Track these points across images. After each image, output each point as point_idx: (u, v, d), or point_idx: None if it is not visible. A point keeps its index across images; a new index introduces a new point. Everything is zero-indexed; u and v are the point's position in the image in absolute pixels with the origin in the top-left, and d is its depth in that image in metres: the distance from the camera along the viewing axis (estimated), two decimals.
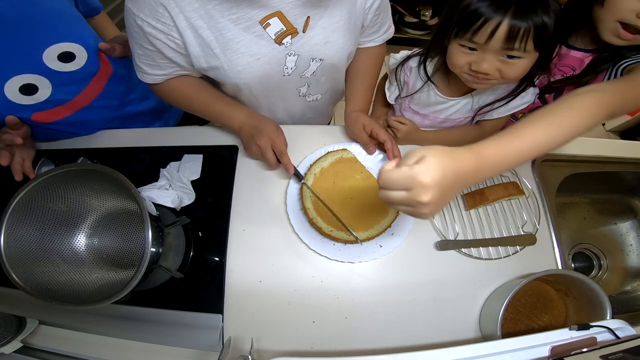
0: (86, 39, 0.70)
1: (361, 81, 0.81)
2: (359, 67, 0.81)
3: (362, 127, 0.74)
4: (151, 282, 0.67)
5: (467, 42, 0.60)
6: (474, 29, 0.57)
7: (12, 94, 0.64)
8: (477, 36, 0.57)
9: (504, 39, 0.56)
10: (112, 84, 0.78)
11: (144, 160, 0.80)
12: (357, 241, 0.67)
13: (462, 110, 0.78)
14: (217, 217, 0.73)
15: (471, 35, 0.58)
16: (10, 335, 0.62)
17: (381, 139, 0.72)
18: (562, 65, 0.68)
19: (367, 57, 0.80)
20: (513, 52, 0.58)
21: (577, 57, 0.67)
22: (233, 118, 0.72)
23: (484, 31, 0.56)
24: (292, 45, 0.63)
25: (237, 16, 0.57)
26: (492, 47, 0.58)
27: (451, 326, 0.67)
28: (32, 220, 0.59)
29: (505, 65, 0.60)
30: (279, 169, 0.76)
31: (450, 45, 0.64)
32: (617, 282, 0.93)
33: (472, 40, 0.59)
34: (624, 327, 0.53)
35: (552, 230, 0.75)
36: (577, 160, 0.86)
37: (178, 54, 0.62)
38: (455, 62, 0.64)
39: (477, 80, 0.64)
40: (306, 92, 0.78)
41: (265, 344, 0.64)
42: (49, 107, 0.70)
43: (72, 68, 0.69)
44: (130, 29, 0.60)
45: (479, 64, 0.61)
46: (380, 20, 0.73)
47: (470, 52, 0.61)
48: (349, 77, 0.83)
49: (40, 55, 0.64)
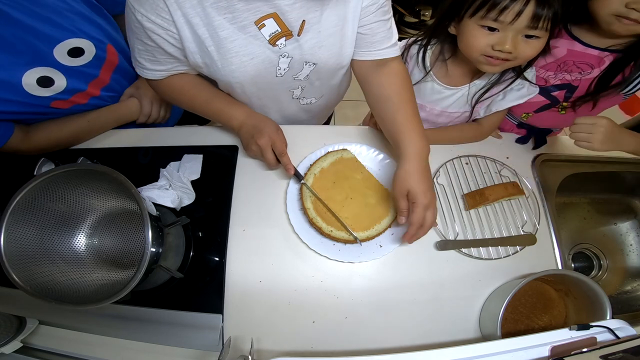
0: (93, 33, 0.72)
1: (405, 111, 0.66)
2: (390, 93, 0.68)
3: (406, 193, 0.62)
4: (151, 282, 0.67)
5: (489, 22, 0.59)
6: (500, 8, 0.57)
7: (30, 86, 0.65)
8: (504, 15, 0.57)
9: (531, 18, 0.56)
10: (117, 76, 0.80)
11: (144, 160, 0.80)
12: (357, 241, 0.67)
13: (458, 102, 0.78)
14: (217, 217, 0.73)
15: (497, 14, 0.57)
16: (10, 335, 0.62)
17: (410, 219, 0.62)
18: (580, 63, 0.68)
19: (394, 79, 0.69)
20: (535, 31, 0.58)
21: (594, 55, 0.66)
22: (232, 117, 0.72)
23: (512, 9, 0.56)
24: (285, 47, 0.63)
25: (233, 15, 0.57)
26: (517, 26, 0.58)
27: (451, 326, 0.67)
28: (32, 220, 0.58)
29: (523, 44, 0.61)
30: (278, 169, 0.76)
31: (464, 29, 0.63)
32: (617, 282, 0.93)
33: (497, 20, 0.58)
34: (624, 327, 0.53)
35: (552, 230, 0.75)
36: (577, 160, 0.86)
37: (177, 49, 0.62)
38: (474, 44, 0.63)
39: (493, 63, 0.64)
40: (300, 94, 0.77)
41: (265, 344, 0.64)
42: (66, 96, 0.72)
43: (82, 62, 0.71)
44: (130, 24, 0.60)
45: (502, 44, 0.60)
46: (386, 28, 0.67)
47: (491, 33, 0.61)
48: (384, 108, 0.69)
49: (51, 52, 0.66)
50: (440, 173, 0.79)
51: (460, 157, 0.81)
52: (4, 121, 0.69)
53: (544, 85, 0.74)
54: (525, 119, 0.83)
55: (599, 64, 0.67)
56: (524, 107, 0.79)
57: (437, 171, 0.79)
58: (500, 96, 0.75)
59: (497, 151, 0.83)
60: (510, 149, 0.84)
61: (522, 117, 0.83)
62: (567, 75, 0.71)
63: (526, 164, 0.83)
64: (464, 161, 0.81)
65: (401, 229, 0.70)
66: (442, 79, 0.76)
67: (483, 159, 0.81)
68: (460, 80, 0.75)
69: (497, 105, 0.75)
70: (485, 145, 0.84)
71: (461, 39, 0.66)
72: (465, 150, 0.82)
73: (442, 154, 0.81)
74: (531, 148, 0.85)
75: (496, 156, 0.82)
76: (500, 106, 0.75)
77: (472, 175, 0.79)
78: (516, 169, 0.80)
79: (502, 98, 0.74)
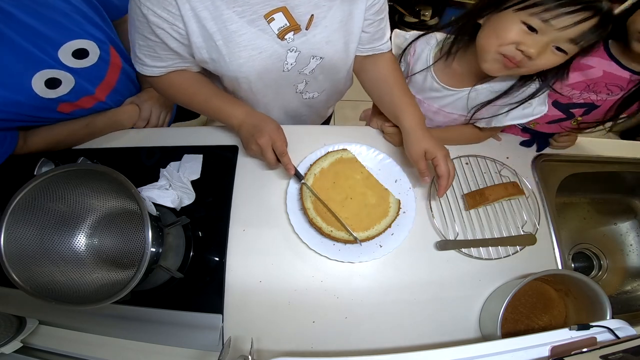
0: (96, 34, 0.72)
1: (399, 89, 0.74)
2: (385, 74, 0.76)
3: (424, 153, 0.68)
4: (151, 282, 0.67)
5: (537, 21, 0.55)
6: (563, 11, 0.53)
7: (40, 88, 0.66)
8: (560, 20, 0.53)
9: (583, 32, 0.54)
10: (123, 78, 0.81)
11: (144, 160, 0.80)
12: (357, 242, 0.67)
13: (456, 104, 0.76)
14: (217, 217, 0.73)
15: (554, 16, 0.53)
16: (10, 335, 0.62)
17: (439, 172, 0.67)
18: (611, 85, 0.65)
19: (386, 63, 0.76)
20: (572, 46, 0.56)
21: (626, 78, 0.64)
22: (232, 115, 0.72)
23: (573, 18, 0.52)
24: (294, 41, 0.63)
25: (243, 9, 0.57)
26: (562, 35, 0.55)
27: (451, 326, 0.67)
28: (32, 220, 0.58)
29: (549, 54, 0.58)
30: (278, 169, 0.76)
31: (499, 20, 0.60)
32: (617, 282, 0.93)
33: (547, 22, 0.54)
34: (624, 327, 0.53)
35: (552, 230, 0.75)
36: (577, 160, 0.86)
37: (180, 45, 0.62)
38: (503, 36, 0.58)
39: (507, 65, 0.60)
40: (303, 89, 0.78)
41: (265, 344, 0.64)
42: (73, 99, 0.72)
43: (87, 64, 0.71)
44: (133, 19, 0.60)
45: (529, 46, 0.57)
46: (383, 26, 0.73)
47: (528, 32, 0.57)
48: (380, 90, 0.77)
49: (56, 53, 0.66)
50: None
51: (460, 157, 0.81)
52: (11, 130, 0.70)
53: (566, 103, 0.72)
54: (533, 126, 0.82)
55: (628, 87, 0.65)
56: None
57: None
58: (504, 113, 0.72)
59: (497, 151, 0.83)
60: (510, 149, 0.84)
61: (531, 125, 0.82)
62: (594, 95, 0.68)
63: (526, 164, 0.83)
64: (464, 161, 0.81)
65: (401, 229, 0.71)
66: (441, 78, 0.74)
67: (483, 159, 0.81)
68: (461, 82, 0.74)
69: (498, 121, 0.74)
70: (485, 145, 0.84)
71: (487, 31, 0.62)
72: (465, 150, 0.82)
73: None
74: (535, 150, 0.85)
75: (496, 156, 0.82)
76: (501, 122, 0.73)
77: (472, 175, 0.79)
78: (516, 169, 0.80)
79: (506, 115, 0.72)
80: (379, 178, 0.74)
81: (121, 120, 0.83)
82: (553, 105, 0.74)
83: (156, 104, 0.86)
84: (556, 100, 0.73)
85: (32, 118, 0.71)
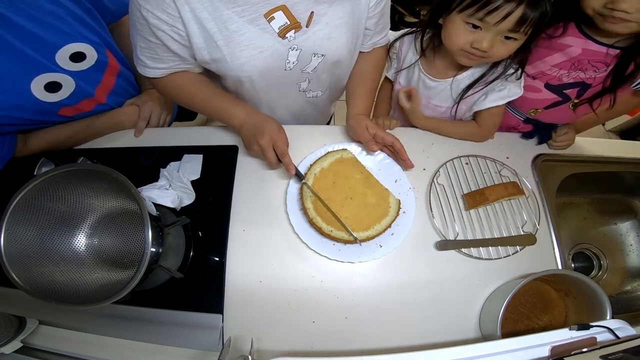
0: (92, 37, 0.72)
1: (363, 84, 0.81)
2: (361, 70, 0.81)
3: (366, 127, 0.74)
4: (151, 282, 0.67)
5: (475, 21, 0.61)
6: (489, 9, 0.58)
7: (39, 92, 0.65)
8: (491, 16, 0.59)
9: (515, 23, 0.58)
10: (120, 80, 0.81)
11: (144, 160, 0.80)
12: (357, 242, 0.67)
13: (441, 95, 0.80)
14: (217, 217, 0.73)
15: (484, 15, 0.59)
16: (10, 335, 0.63)
17: (388, 142, 0.73)
18: (594, 61, 0.68)
19: (369, 60, 0.80)
20: (516, 34, 0.61)
21: (602, 52, 0.66)
22: (234, 115, 0.72)
23: (500, 13, 0.58)
24: (295, 39, 0.63)
25: (242, 9, 0.57)
26: (500, 29, 0.60)
27: (451, 326, 0.67)
28: (32, 220, 0.58)
29: (499, 45, 0.63)
30: (279, 169, 0.76)
31: (450, 22, 0.65)
32: (617, 282, 0.93)
33: (483, 20, 0.60)
34: (624, 327, 0.53)
35: (552, 230, 0.75)
36: (577, 160, 0.86)
37: (181, 46, 0.62)
38: (455, 40, 0.66)
39: (472, 58, 0.67)
40: (306, 87, 0.78)
41: (265, 344, 0.64)
42: (74, 102, 0.72)
43: (85, 66, 0.71)
44: (134, 21, 0.60)
45: (480, 42, 0.63)
46: (382, 22, 0.74)
47: (473, 31, 0.63)
48: (351, 80, 0.83)
49: (53, 57, 0.65)
50: (440, 173, 0.79)
51: (460, 157, 0.81)
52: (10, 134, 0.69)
53: (557, 84, 0.74)
54: (533, 114, 0.82)
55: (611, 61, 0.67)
56: (533, 103, 0.79)
57: (437, 171, 0.79)
58: (482, 97, 0.76)
59: (497, 151, 0.83)
60: (510, 149, 0.84)
61: (531, 113, 0.82)
62: (582, 73, 0.70)
63: (526, 164, 0.83)
64: (464, 161, 0.81)
65: (401, 229, 0.71)
66: (427, 70, 0.78)
67: (483, 159, 0.81)
68: (444, 73, 0.77)
69: (478, 105, 0.76)
70: (485, 145, 0.84)
71: (445, 31, 0.68)
72: (465, 150, 0.82)
73: (442, 154, 0.81)
74: (535, 144, 0.85)
75: (496, 156, 0.82)
76: (481, 106, 0.76)
77: (472, 175, 0.79)
78: (516, 169, 0.80)
79: (485, 98, 0.75)
80: (379, 178, 0.74)
81: (122, 120, 0.83)
82: (546, 88, 0.75)
83: (157, 104, 0.86)
84: (547, 82, 0.74)
85: (33, 122, 0.71)
